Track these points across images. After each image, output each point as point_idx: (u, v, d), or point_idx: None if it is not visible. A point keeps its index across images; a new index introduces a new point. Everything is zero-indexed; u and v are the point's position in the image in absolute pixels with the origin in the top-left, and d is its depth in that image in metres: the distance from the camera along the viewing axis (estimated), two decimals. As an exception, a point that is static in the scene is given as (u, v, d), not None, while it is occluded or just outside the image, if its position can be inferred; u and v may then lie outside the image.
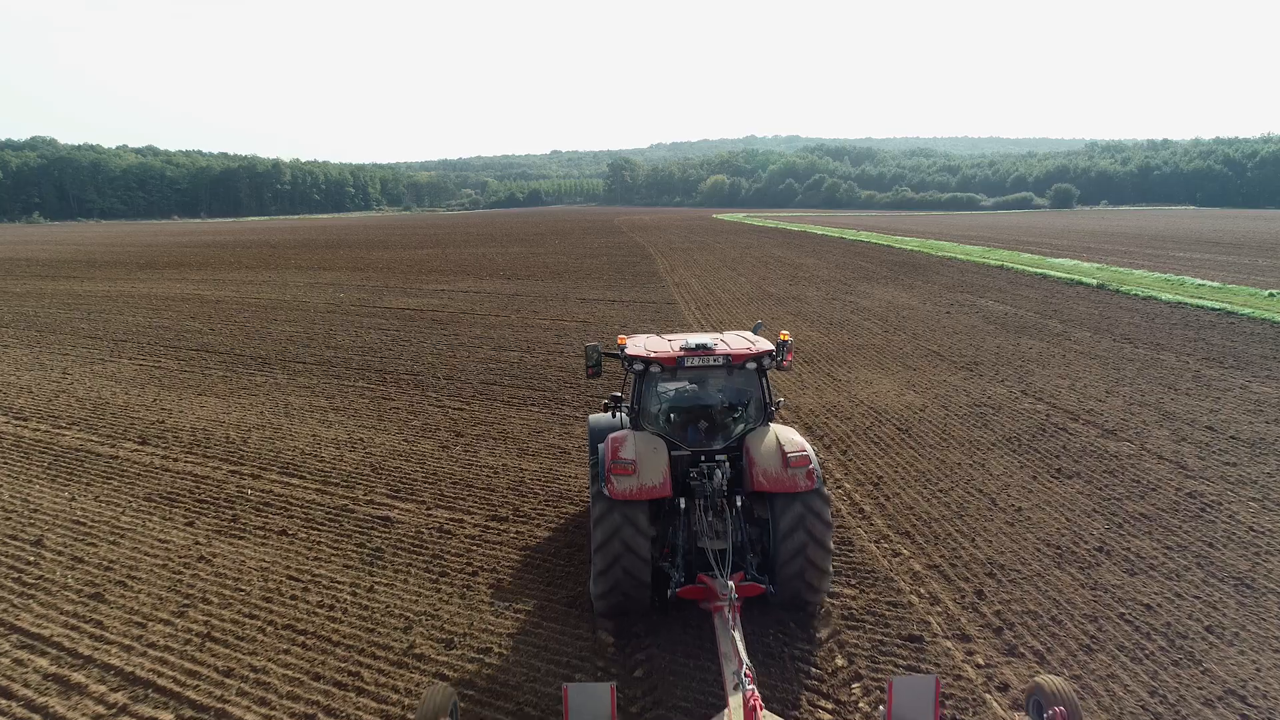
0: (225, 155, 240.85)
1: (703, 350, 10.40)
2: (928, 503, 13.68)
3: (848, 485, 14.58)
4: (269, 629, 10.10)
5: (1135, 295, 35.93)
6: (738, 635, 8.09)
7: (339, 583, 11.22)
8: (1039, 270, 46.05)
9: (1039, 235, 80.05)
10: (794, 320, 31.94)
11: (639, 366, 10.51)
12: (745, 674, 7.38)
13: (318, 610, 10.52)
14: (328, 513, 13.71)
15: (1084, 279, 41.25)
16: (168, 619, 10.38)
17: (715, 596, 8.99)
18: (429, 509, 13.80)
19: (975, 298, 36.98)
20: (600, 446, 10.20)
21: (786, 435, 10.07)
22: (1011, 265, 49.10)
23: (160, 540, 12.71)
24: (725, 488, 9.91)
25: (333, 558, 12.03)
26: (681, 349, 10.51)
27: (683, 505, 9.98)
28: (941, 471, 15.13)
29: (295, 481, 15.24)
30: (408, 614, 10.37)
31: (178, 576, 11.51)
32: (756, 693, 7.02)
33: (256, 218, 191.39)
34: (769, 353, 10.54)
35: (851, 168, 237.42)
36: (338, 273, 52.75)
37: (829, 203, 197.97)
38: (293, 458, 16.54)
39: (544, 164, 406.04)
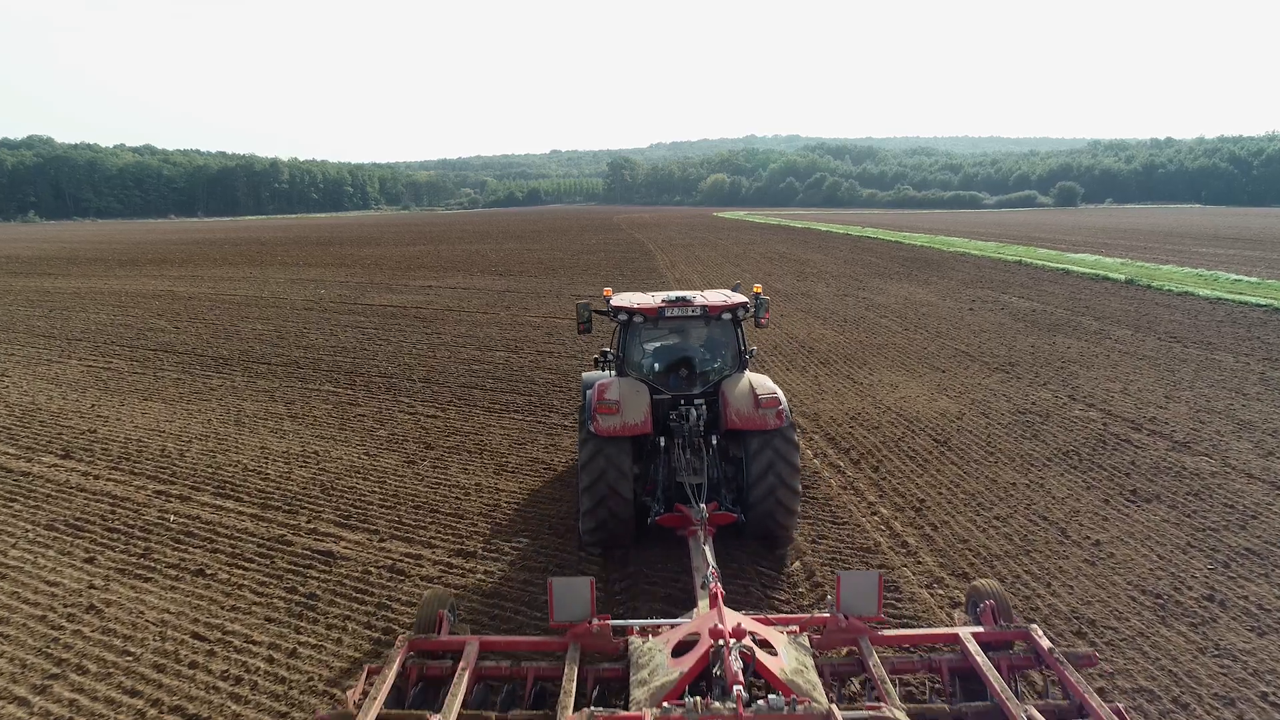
0: (223, 154, 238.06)
1: (682, 302, 11.24)
2: (984, 533, 11.34)
3: (884, 510, 12.23)
4: (151, 712, 7.75)
5: (1169, 291, 33.53)
6: (708, 549, 9.08)
7: (254, 644, 8.87)
8: (1060, 265, 43.66)
9: (1049, 231, 77.63)
10: (805, 318, 29.60)
11: (623, 317, 11.28)
12: (711, 573, 8.34)
13: (219, 684, 8.16)
14: (259, 545, 11.37)
15: (1110, 274, 38.87)
16: (25, 696, 8.03)
17: (691, 522, 9.84)
18: (382, 541, 11.46)
19: (997, 293, 34.60)
20: (588, 392, 11.16)
21: (759, 380, 10.81)
22: (1029, 260, 46.70)
23: (48, 583, 10.36)
24: (702, 427, 10.83)
25: (254, 607, 9.68)
26: (663, 301, 11.31)
27: (663, 444, 10.79)
28: (994, 493, 12.79)
29: (229, 505, 12.90)
30: (334, 692, 8.02)
31: (56, 633, 9.15)
32: (720, 587, 7.94)
33: (253, 217, 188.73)
34: (743, 304, 11.32)
35: (853, 166, 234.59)
36: (322, 269, 50.38)
37: (830, 201, 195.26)
38: (232, 475, 14.19)
39: (543, 163, 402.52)
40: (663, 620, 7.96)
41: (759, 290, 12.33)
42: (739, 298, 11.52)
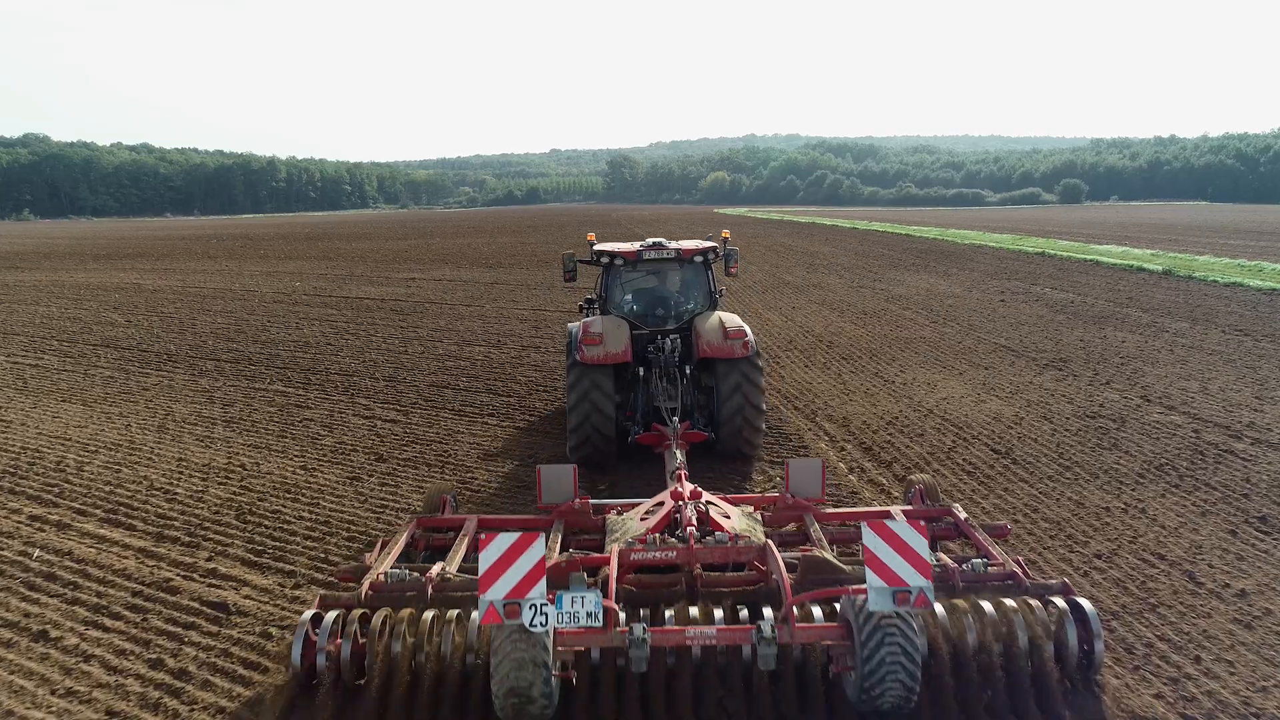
0: (220, 153, 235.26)
1: (658, 246, 12.46)
2: (1086, 578, 8.64)
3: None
4: None
5: (1215, 282, 30.79)
6: (680, 454, 10.13)
7: (77, 755, 6.19)
8: (1087, 257, 40.95)
9: (1060, 226, 74.76)
10: (820, 310, 26.93)
11: (605, 260, 12.56)
12: (679, 465, 9.60)
13: (2, 829, 5.50)
14: (135, 593, 8.68)
15: (1145, 265, 36.14)
16: None
17: (667, 439, 10.82)
18: (296, 586, 8.78)
19: (1027, 285, 31.90)
20: (573, 329, 12.22)
21: (727, 316, 12.09)
22: (1052, 252, 43.93)
23: None
24: (677, 358, 11.94)
25: (96, 692, 6.98)
26: (640, 246, 12.53)
27: (642, 374, 11.99)
28: (1084, 520, 10.11)
29: (117, 534, 10.22)
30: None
31: None
32: (685, 470, 9.35)
33: (250, 215, 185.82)
34: (713, 248, 12.65)
35: (854, 164, 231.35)
36: (303, 262, 47.71)
37: (831, 199, 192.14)
38: (132, 494, 11.51)
39: (543, 162, 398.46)
40: (637, 500, 9.07)
41: (726, 235, 13.37)
42: (709, 243, 12.81)
